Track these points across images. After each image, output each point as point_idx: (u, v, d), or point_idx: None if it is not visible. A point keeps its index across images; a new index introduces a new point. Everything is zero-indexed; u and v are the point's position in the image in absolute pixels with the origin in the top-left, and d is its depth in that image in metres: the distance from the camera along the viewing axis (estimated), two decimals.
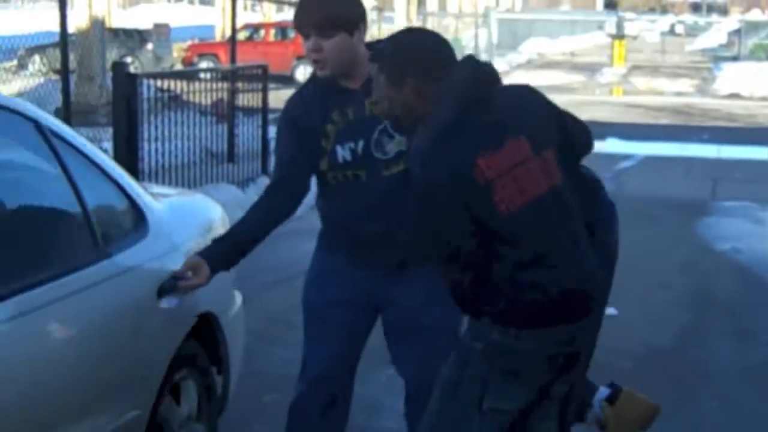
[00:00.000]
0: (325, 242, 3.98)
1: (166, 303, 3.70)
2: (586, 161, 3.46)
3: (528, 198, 3.17)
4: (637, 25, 63.65)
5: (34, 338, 3.09)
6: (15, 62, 20.96)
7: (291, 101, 3.84)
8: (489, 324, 3.26)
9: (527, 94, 3.38)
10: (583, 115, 21.89)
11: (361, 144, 3.67)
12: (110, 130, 9.90)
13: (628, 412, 3.75)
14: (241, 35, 28.16)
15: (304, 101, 3.78)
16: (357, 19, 3.65)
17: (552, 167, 3.25)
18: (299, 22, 3.67)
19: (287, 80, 25.50)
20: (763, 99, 27.59)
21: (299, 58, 29.73)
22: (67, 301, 3.23)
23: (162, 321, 3.76)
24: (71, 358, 3.24)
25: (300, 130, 3.72)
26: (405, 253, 3.55)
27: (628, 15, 59.64)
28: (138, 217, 3.92)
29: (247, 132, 11.73)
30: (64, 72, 9.28)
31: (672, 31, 71.24)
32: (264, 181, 10.49)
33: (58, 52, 9.73)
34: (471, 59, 3.34)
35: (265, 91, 11.96)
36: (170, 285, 3.67)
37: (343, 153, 3.68)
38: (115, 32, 27.63)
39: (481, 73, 3.28)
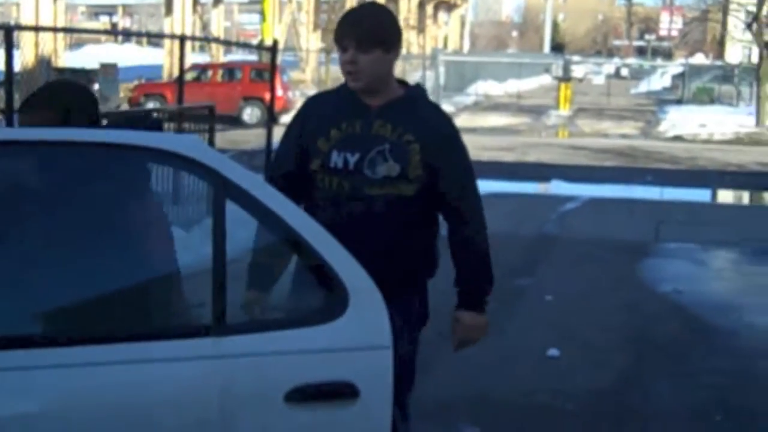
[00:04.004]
0: None
1: None
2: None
3: None
4: (583, 68, 64.41)
5: None
6: None
7: (313, 97, 4.05)
8: None
9: None
10: (529, 157, 21.97)
11: (356, 157, 3.75)
12: None
13: None
14: (189, 76, 28.04)
15: (323, 99, 4.00)
16: (394, 40, 3.82)
17: None
18: (340, 34, 3.80)
19: (234, 121, 25.47)
20: (706, 142, 28.00)
21: (246, 98, 29.71)
22: None
23: None
24: None
25: (305, 124, 3.87)
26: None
27: (575, 58, 60.43)
28: None
29: None
30: (8, 111, 9.22)
31: (618, 75, 72.33)
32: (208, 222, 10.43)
33: (2, 91, 9.68)
34: None
35: (212, 131, 11.97)
36: None
37: (336, 159, 3.77)
38: (62, 71, 27.47)
39: None
